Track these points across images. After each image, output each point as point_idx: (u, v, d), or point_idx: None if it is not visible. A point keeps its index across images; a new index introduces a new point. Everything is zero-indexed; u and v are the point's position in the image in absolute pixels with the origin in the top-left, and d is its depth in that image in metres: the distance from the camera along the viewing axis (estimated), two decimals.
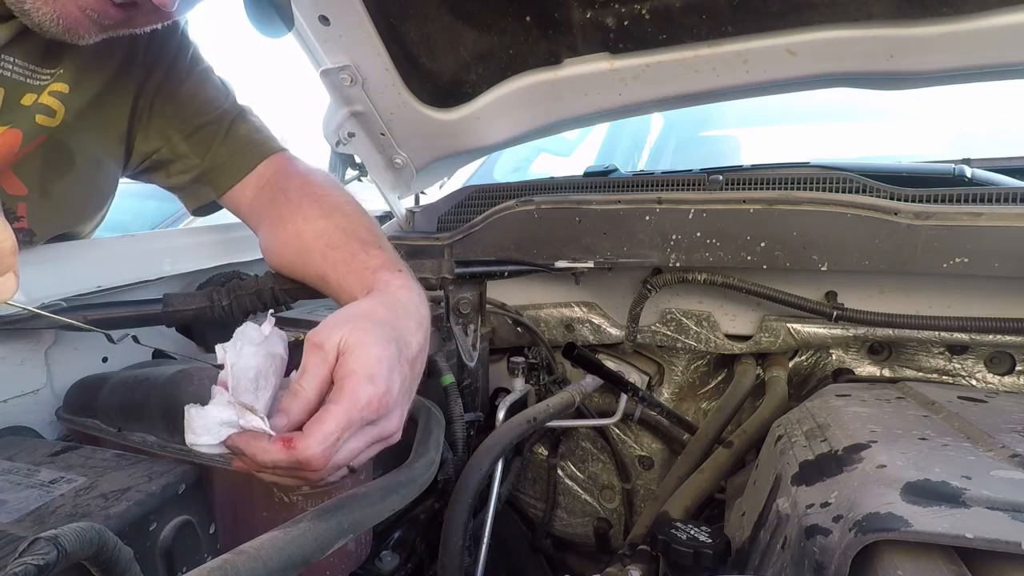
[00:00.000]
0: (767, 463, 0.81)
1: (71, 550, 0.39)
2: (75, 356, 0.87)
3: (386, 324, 0.60)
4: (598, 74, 1.12)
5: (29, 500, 0.53)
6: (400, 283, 0.70)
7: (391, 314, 0.63)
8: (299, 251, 0.80)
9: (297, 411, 0.53)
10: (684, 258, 1.11)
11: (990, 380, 1.05)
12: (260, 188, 0.89)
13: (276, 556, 0.44)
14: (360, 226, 0.80)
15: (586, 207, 1.17)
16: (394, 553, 0.93)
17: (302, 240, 0.80)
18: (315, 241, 0.78)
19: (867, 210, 0.99)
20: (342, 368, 0.55)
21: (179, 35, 0.90)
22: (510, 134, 1.29)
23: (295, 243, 0.81)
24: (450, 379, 1.04)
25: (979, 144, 1.57)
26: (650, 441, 1.33)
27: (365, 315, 0.61)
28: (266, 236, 0.87)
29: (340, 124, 1.25)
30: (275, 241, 0.84)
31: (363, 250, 0.75)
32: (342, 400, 0.53)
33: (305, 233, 0.80)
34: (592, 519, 1.41)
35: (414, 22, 1.11)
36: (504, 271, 1.18)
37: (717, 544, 0.69)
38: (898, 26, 0.95)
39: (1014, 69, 0.97)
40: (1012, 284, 0.97)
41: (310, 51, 1.16)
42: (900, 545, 0.49)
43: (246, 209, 0.91)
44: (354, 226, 0.79)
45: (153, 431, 0.73)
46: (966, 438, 0.67)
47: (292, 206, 0.83)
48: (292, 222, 0.82)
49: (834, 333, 1.10)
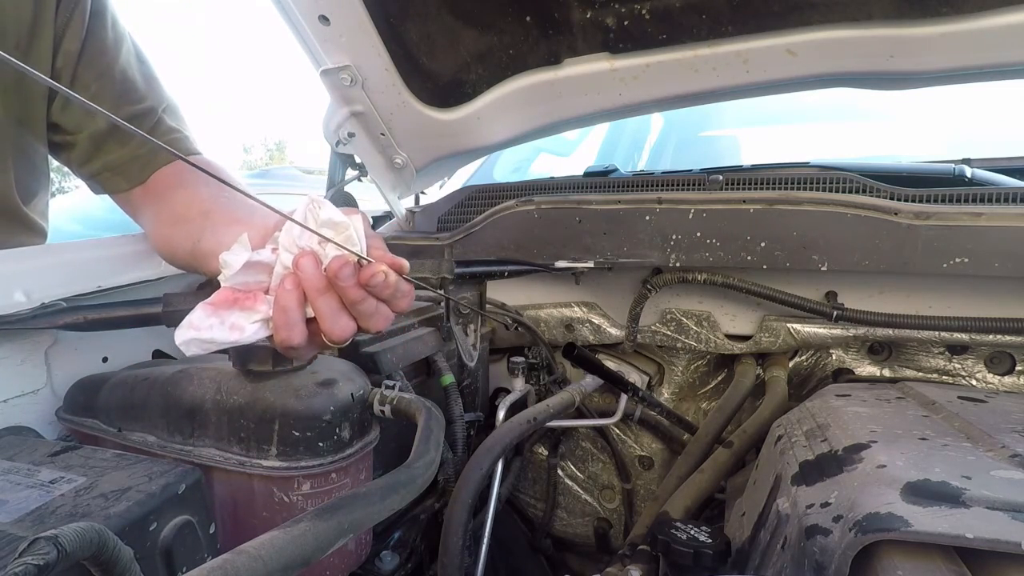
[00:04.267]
0: (767, 463, 0.81)
1: (71, 550, 0.39)
2: (75, 356, 0.87)
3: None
4: (598, 74, 1.12)
5: (29, 500, 0.53)
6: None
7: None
8: (173, 224, 0.81)
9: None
10: (684, 258, 1.11)
11: (990, 380, 1.05)
12: (149, 189, 0.88)
13: (276, 556, 0.44)
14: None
15: (586, 207, 1.17)
16: (394, 553, 0.93)
17: (178, 214, 0.81)
18: (188, 210, 0.80)
19: (867, 210, 0.99)
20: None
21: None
22: (510, 134, 1.29)
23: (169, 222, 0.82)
24: (450, 379, 1.04)
25: (979, 144, 1.57)
26: (650, 441, 1.33)
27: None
28: (149, 227, 0.88)
29: (340, 124, 1.25)
30: (153, 227, 0.86)
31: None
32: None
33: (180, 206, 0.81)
34: (592, 519, 1.41)
35: (414, 22, 1.11)
36: (504, 271, 1.18)
37: (717, 544, 0.69)
38: (898, 26, 0.95)
39: (1014, 69, 0.96)
40: (1012, 284, 0.97)
41: (310, 51, 1.16)
42: (900, 545, 0.49)
43: (138, 202, 0.90)
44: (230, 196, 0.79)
45: (153, 431, 0.73)
46: (966, 438, 0.67)
47: (177, 190, 0.84)
48: (172, 202, 0.83)
49: (834, 333, 1.10)
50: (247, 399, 0.69)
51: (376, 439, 0.76)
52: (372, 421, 0.76)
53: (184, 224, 0.80)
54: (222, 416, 0.69)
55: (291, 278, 0.57)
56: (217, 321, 0.57)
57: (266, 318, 0.58)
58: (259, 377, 0.71)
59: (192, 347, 0.57)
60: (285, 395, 0.68)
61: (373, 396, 0.75)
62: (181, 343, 0.57)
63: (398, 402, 0.73)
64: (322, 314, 0.58)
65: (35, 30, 0.82)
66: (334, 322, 0.58)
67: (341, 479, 0.71)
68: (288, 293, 0.57)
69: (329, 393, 0.70)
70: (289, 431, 0.67)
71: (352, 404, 0.71)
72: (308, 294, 0.57)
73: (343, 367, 0.77)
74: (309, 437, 0.67)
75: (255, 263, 0.58)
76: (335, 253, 0.56)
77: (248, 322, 0.58)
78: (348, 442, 0.71)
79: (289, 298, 0.57)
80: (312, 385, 0.70)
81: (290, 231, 0.58)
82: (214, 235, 0.73)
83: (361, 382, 0.75)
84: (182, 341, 0.57)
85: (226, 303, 0.58)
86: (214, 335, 0.57)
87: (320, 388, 0.70)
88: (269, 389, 0.69)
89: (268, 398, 0.68)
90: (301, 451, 0.67)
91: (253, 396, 0.69)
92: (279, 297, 0.57)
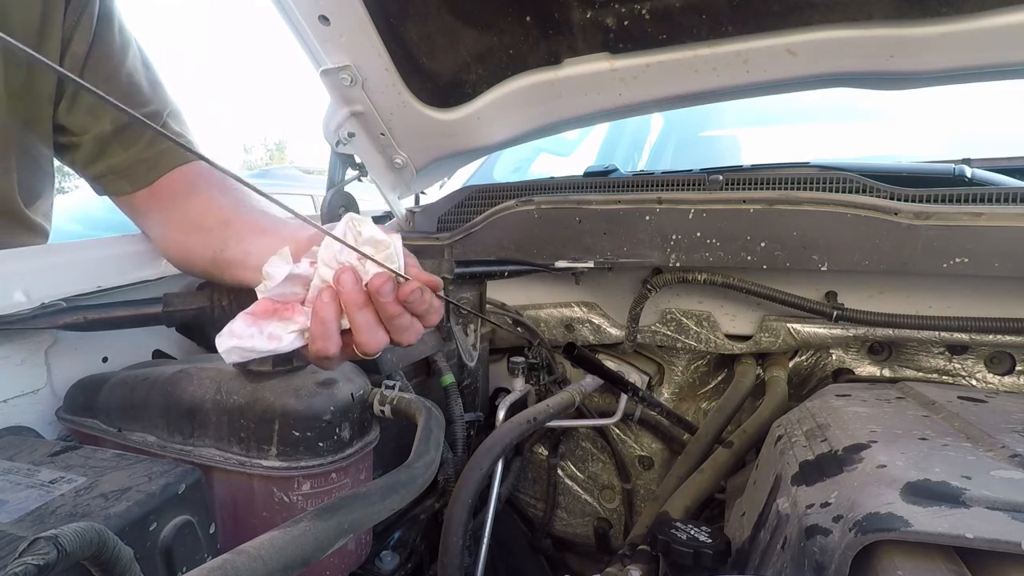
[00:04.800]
0: (767, 463, 0.81)
1: (71, 550, 0.39)
2: (75, 356, 0.87)
3: None
4: (598, 74, 1.12)
5: (29, 500, 0.53)
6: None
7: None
8: (189, 232, 0.83)
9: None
10: (684, 258, 1.11)
11: (990, 380, 1.05)
12: (155, 194, 0.88)
13: (276, 556, 0.44)
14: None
15: (586, 207, 1.17)
16: (394, 553, 0.93)
17: (196, 222, 0.82)
18: (205, 218, 0.81)
19: (867, 210, 0.99)
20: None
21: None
22: (510, 134, 1.29)
23: (184, 228, 0.83)
24: (450, 379, 1.04)
25: (979, 144, 1.57)
26: (650, 441, 1.33)
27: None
28: (157, 233, 0.88)
29: (340, 124, 1.25)
30: (165, 233, 0.86)
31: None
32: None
33: (206, 216, 0.82)
34: (592, 519, 1.41)
35: (414, 22, 1.11)
36: (504, 271, 1.18)
37: (717, 544, 0.69)
38: (898, 26, 0.95)
39: (1014, 69, 0.96)
40: (1012, 284, 0.97)
41: (310, 51, 1.16)
42: (900, 545, 0.49)
43: (142, 206, 0.90)
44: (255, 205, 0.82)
45: (153, 431, 0.73)
46: (966, 438, 0.67)
47: (189, 197, 0.85)
48: (186, 209, 0.84)
49: (834, 333, 1.10)
50: (247, 399, 0.69)
51: (376, 439, 0.76)
52: (372, 421, 0.76)
53: (201, 232, 0.81)
54: (222, 416, 0.69)
55: (329, 291, 0.60)
56: (257, 331, 0.60)
57: (303, 328, 0.61)
58: (259, 377, 0.71)
59: (233, 355, 0.60)
60: (285, 395, 0.68)
61: (373, 396, 0.75)
62: (223, 351, 0.60)
63: (398, 402, 0.73)
64: (359, 327, 0.61)
65: (43, 32, 0.82)
66: (371, 335, 0.61)
67: (341, 479, 0.71)
68: (327, 306, 0.60)
69: (329, 393, 0.70)
70: (289, 431, 0.67)
71: (352, 404, 0.71)
72: (347, 308, 0.60)
73: (343, 367, 0.77)
74: (309, 437, 0.67)
75: (294, 276, 0.60)
76: (374, 270, 0.60)
77: (286, 332, 0.61)
78: (348, 442, 0.71)
79: (328, 311, 0.60)
80: (312, 385, 0.70)
81: (330, 246, 0.60)
82: (239, 245, 0.75)
83: (361, 382, 0.76)
84: (224, 349, 0.59)
85: (266, 313, 0.61)
86: (254, 344, 0.60)
87: (320, 388, 0.70)
88: (269, 389, 0.69)
89: (268, 398, 0.68)
90: (301, 451, 0.67)
91: (253, 396, 0.69)
92: (318, 309, 0.60)
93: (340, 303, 0.60)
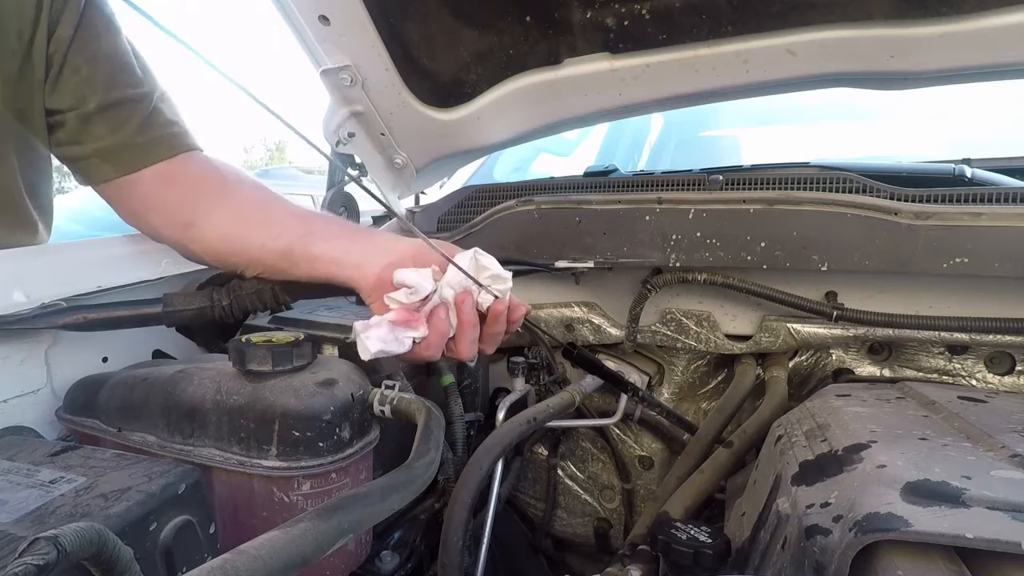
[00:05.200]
0: (767, 463, 0.81)
1: (71, 550, 0.39)
2: (75, 356, 0.87)
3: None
4: (598, 74, 1.12)
5: (29, 500, 0.53)
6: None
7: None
8: (248, 223, 0.85)
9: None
10: (684, 258, 1.11)
11: (990, 380, 1.05)
12: (169, 179, 0.87)
13: (276, 556, 0.44)
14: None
15: (586, 207, 1.17)
16: (394, 553, 0.93)
17: (256, 213, 0.85)
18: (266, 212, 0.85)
19: (867, 210, 0.99)
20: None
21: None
22: (510, 134, 1.29)
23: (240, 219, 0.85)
24: (450, 379, 1.04)
25: (979, 144, 1.57)
26: (650, 441, 1.33)
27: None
28: (189, 219, 0.88)
29: (340, 124, 1.25)
30: (208, 220, 0.86)
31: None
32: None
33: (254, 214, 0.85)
34: (592, 519, 1.41)
35: (414, 22, 1.11)
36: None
37: (717, 544, 0.69)
38: (898, 26, 0.95)
39: (1014, 69, 0.96)
40: (1012, 284, 0.97)
41: (310, 51, 1.16)
42: (900, 545, 0.49)
43: (139, 198, 0.88)
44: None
45: (153, 431, 0.73)
46: (966, 438, 0.67)
47: (232, 187, 0.88)
48: (237, 199, 0.87)
49: (834, 333, 1.10)
50: (247, 399, 0.69)
51: (376, 439, 0.76)
52: (372, 421, 0.76)
53: (266, 225, 0.83)
54: (222, 416, 0.69)
55: (443, 308, 0.72)
56: (394, 336, 0.69)
57: (422, 336, 0.71)
58: (259, 377, 0.71)
59: (377, 355, 0.69)
60: (285, 395, 0.68)
61: (373, 396, 0.75)
62: (372, 352, 0.68)
63: (398, 402, 0.73)
64: (464, 341, 0.73)
65: (37, 21, 0.82)
66: (470, 348, 0.74)
67: (341, 479, 0.71)
68: (445, 322, 0.72)
69: (329, 393, 0.70)
70: (289, 431, 0.67)
71: (352, 404, 0.71)
72: (462, 326, 0.73)
73: (343, 367, 0.77)
74: (309, 437, 0.67)
75: (416, 288, 0.71)
76: (484, 296, 0.74)
77: (408, 337, 0.70)
78: (348, 442, 0.71)
79: (446, 327, 0.72)
80: (312, 385, 0.70)
81: (457, 273, 0.72)
82: (329, 243, 0.80)
83: (361, 382, 0.76)
84: (375, 352, 0.68)
85: (403, 322, 0.70)
86: (391, 348, 0.69)
87: (320, 388, 0.70)
88: (269, 389, 0.69)
89: (268, 398, 0.68)
90: (301, 451, 0.67)
91: (253, 396, 0.69)
92: (438, 325, 0.71)
93: (451, 319, 0.73)
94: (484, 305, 0.75)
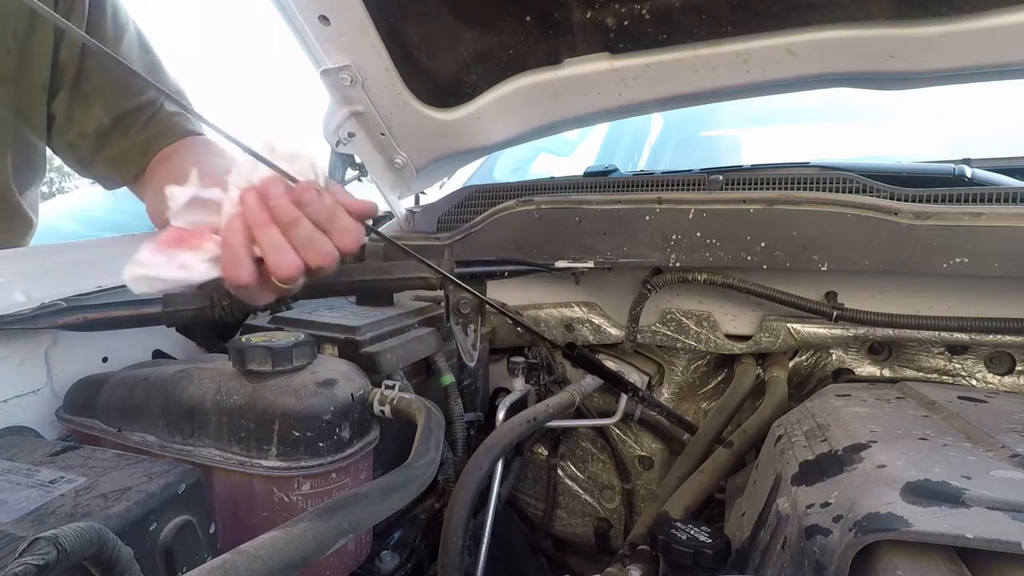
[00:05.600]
0: (767, 463, 0.81)
1: (71, 550, 0.39)
2: (75, 356, 0.87)
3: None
4: (598, 74, 1.12)
5: (29, 500, 0.53)
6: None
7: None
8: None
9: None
10: (684, 258, 1.11)
11: (990, 380, 1.05)
12: (157, 167, 0.90)
13: (276, 556, 0.44)
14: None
15: (586, 207, 1.17)
16: (394, 553, 0.93)
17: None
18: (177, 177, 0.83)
19: (867, 210, 0.99)
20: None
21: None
22: (510, 134, 1.29)
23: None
24: (450, 379, 1.04)
25: (979, 144, 1.57)
26: (650, 441, 1.33)
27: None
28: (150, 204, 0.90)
29: (340, 124, 1.25)
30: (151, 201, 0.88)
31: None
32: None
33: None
34: (592, 519, 1.41)
35: (414, 22, 1.11)
36: (504, 271, 1.18)
37: (717, 544, 0.69)
38: (898, 26, 0.95)
39: (1014, 69, 0.96)
40: (1012, 284, 0.97)
41: (310, 51, 1.16)
42: (900, 545, 0.49)
43: (150, 188, 0.92)
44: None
45: (153, 431, 0.73)
46: (966, 438, 0.67)
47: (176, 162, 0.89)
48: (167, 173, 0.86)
49: (834, 333, 1.10)
50: (247, 399, 0.69)
51: (376, 439, 0.76)
52: (372, 421, 0.76)
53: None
54: (222, 416, 0.69)
55: (238, 216, 0.57)
56: (164, 260, 0.57)
57: (215, 256, 0.58)
58: (259, 377, 0.71)
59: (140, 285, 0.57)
60: (285, 395, 0.68)
61: (373, 396, 0.75)
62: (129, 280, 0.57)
63: (398, 402, 0.73)
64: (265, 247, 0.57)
65: (34, 22, 0.82)
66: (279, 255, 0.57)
67: (341, 479, 0.71)
68: (233, 230, 0.57)
69: (329, 393, 0.70)
70: (289, 431, 0.67)
71: (352, 404, 0.71)
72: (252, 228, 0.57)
73: (343, 367, 0.77)
74: (309, 437, 0.67)
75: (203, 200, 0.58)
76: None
77: (197, 261, 0.58)
78: (348, 442, 0.71)
79: (234, 235, 0.57)
80: (312, 385, 0.70)
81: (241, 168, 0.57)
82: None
83: (361, 382, 0.76)
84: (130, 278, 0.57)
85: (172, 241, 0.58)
86: (161, 272, 0.57)
87: (320, 388, 0.70)
88: (269, 389, 0.69)
89: (268, 398, 0.68)
90: (301, 451, 0.67)
91: (253, 396, 0.69)
92: (224, 233, 0.57)
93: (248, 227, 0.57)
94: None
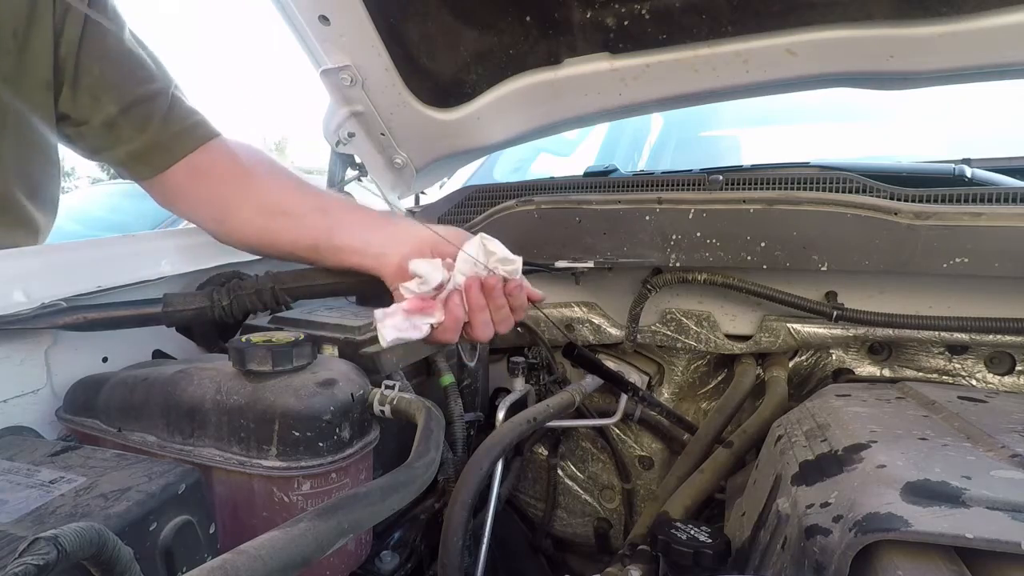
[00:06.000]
0: (767, 463, 0.81)
1: (71, 550, 0.39)
2: (75, 356, 0.87)
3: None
4: (598, 74, 1.12)
5: (29, 500, 0.53)
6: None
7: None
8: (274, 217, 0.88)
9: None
10: (684, 258, 1.11)
11: (990, 380, 1.05)
12: (199, 171, 0.90)
13: (276, 556, 0.43)
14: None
15: (586, 207, 1.17)
16: (394, 553, 0.93)
17: (280, 207, 0.87)
18: (293, 204, 0.87)
19: (867, 210, 0.99)
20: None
21: None
22: (510, 134, 1.29)
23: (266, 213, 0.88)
24: (450, 379, 1.04)
25: (979, 144, 1.57)
26: (650, 441, 1.33)
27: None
28: (220, 214, 0.91)
29: (340, 124, 1.25)
30: (238, 216, 0.89)
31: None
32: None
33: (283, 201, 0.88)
34: (592, 519, 1.41)
35: (414, 22, 1.11)
36: None
37: (717, 544, 0.69)
38: (898, 26, 0.95)
39: (1014, 69, 0.96)
40: (1012, 284, 0.97)
41: (310, 51, 1.16)
42: (900, 545, 0.49)
43: (174, 191, 0.91)
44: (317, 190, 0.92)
45: (153, 431, 0.73)
46: (966, 438, 0.67)
47: (255, 179, 0.90)
48: (260, 193, 0.89)
49: (834, 333, 1.10)
50: (247, 399, 0.69)
51: (376, 439, 0.76)
52: (372, 421, 0.76)
53: (291, 218, 0.87)
54: (222, 416, 0.69)
55: (459, 295, 0.76)
56: (409, 324, 0.72)
57: (438, 321, 0.75)
58: (259, 377, 0.71)
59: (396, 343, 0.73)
60: (285, 395, 0.68)
61: (373, 396, 0.75)
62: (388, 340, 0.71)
63: (398, 402, 0.73)
64: (475, 323, 0.77)
65: (32, 19, 0.82)
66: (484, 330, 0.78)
67: (341, 479, 0.71)
68: (460, 307, 0.76)
69: (329, 393, 0.70)
70: (289, 431, 0.67)
71: (352, 404, 0.71)
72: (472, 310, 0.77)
73: (343, 367, 0.77)
74: (309, 437, 0.67)
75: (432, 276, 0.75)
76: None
77: (424, 323, 0.74)
78: (348, 442, 0.71)
79: (461, 312, 0.76)
80: (312, 385, 0.70)
81: (467, 261, 0.76)
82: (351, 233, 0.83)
83: (361, 382, 0.76)
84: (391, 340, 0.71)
85: (417, 310, 0.74)
86: (407, 334, 0.72)
87: (320, 388, 0.70)
88: (269, 389, 0.69)
89: (268, 398, 0.68)
90: (301, 451, 0.67)
91: (253, 396, 0.69)
92: (453, 310, 0.75)
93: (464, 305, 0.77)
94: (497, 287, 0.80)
